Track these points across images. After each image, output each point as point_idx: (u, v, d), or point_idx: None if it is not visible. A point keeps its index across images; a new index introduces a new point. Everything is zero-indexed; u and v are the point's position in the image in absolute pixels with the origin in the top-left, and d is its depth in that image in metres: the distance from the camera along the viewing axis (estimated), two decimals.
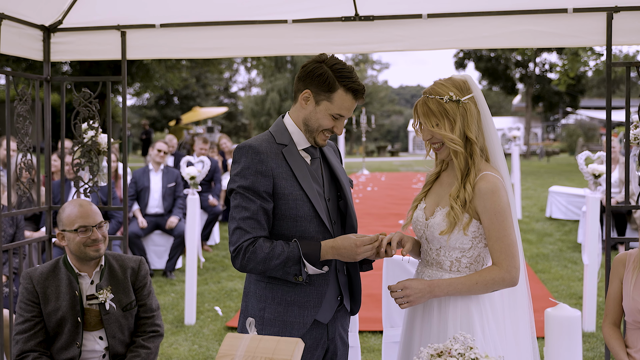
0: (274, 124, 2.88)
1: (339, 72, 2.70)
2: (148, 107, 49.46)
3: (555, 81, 25.22)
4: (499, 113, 62.69)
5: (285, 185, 2.71)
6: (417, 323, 2.91)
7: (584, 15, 4.06)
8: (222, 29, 4.41)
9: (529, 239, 10.72)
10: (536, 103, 43.67)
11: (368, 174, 21.88)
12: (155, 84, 27.77)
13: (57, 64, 21.84)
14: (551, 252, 9.86)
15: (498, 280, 2.74)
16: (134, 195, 8.83)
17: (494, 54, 39.73)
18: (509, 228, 2.74)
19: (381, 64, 62.98)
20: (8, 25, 4.07)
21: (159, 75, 25.90)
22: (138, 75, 25.04)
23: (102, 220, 3.51)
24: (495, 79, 42.33)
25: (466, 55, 41.63)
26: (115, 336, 3.52)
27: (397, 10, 4.20)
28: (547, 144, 44.77)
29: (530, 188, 17.41)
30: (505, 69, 40.94)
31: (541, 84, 41.37)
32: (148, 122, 33.35)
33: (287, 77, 56.78)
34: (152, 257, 8.82)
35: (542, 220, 12.52)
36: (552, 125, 56.61)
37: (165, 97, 47.69)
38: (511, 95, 48.35)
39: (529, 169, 25.47)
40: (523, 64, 40.32)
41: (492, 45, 4.22)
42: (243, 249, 2.66)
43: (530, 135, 42.05)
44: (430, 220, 2.86)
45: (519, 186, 12.86)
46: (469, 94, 2.81)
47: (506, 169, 2.88)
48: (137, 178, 8.91)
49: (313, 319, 2.78)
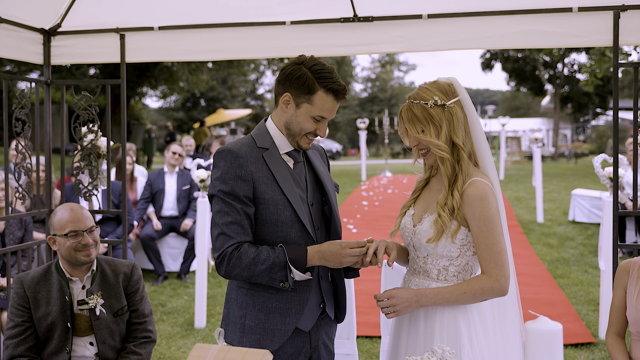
0: (256, 128, 2.83)
1: (318, 73, 2.63)
2: (175, 109, 49.82)
3: (583, 82, 24.75)
4: (528, 114, 61.92)
5: (265, 190, 2.65)
6: (404, 333, 2.83)
7: (589, 14, 3.92)
8: (220, 31, 4.37)
9: (550, 243, 10.51)
10: (565, 104, 43.02)
11: (390, 176, 21.71)
12: (180, 86, 27.96)
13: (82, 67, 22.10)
14: (572, 256, 9.65)
15: (487, 289, 2.64)
16: (149, 198, 8.84)
17: (521, 54, 39.22)
18: (498, 236, 2.65)
19: (408, 65, 62.54)
20: (5, 29, 4.08)
21: (185, 77, 26.07)
22: (162, 78, 25.23)
23: (93, 224, 3.48)
24: (522, 80, 41.80)
25: (493, 56, 41.18)
26: (105, 342, 3.48)
27: (397, 11, 4.12)
28: (576, 145, 44.03)
29: (554, 191, 17.10)
30: (533, 69, 40.39)
31: (570, 85, 40.75)
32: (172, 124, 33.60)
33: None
34: (167, 260, 8.82)
35: (564, 223, 12.28)
36: (582, 127, 55.71)
37: (192, 100, 48.00)
38: (539, 97, 47.71)
39: (556, 171, 25.04)
40: (551, 64, 39.74)
41: (495, 46, 4.11)
42: (227, 254, 2.60)
43: (559, 137, 41.45)
44: (417, 227, 2.77)
45: (540, 189, 12.62)
46: (454, 97, 2.71)
47: (495, 174, 2.79)
48: (152, 180, 8.93)
49: (295, 326, 2.71)
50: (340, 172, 26.03)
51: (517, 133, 32.82)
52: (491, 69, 41.94)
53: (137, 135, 28.09)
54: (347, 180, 21.17)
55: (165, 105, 51.03)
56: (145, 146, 28.92)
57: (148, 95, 30.87)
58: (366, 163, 23.39)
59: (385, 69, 59.47)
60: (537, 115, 59.78)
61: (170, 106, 50.66)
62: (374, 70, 62.05)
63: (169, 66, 23.84)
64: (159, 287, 8.24)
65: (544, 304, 7.13)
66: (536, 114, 60.94)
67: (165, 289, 8.15)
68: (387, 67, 60.17)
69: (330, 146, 47.18)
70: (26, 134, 4.17)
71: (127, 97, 24.04)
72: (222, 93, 46.52)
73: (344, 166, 31.88)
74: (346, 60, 57.31)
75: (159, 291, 8.03)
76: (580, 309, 6.97)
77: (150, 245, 8.53)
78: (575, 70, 40.34)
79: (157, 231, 8.60)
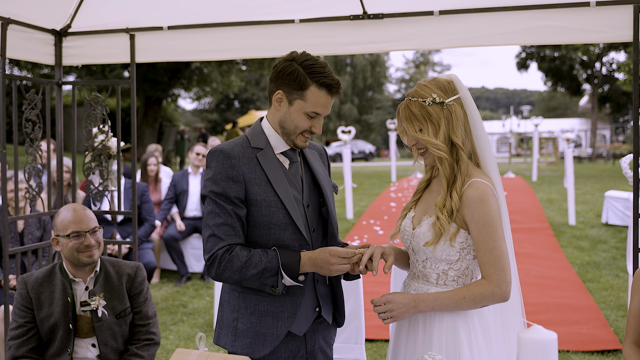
0: (251, 128, 2.76)
1: (310, 68, 2.56)
2: (209, 111, 50.29)
3: (621, 81, 24.18)
4: (565, 115, 60.93)
5: (258, 191, 2.58)
6: (403, 338, 2.73)
7: (608, 8, 3.76)
8: (229, 30, 4.32)
9: (581, 246, 10.25)
10: (603, 104, 42.14)
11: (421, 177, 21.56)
12: (214, 88, 28.15)
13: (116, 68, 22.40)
14: (603, 260, 9.39)
15: (487, 295, 2.53)
16: (172, 198, 8.86)
17: (557, 53, 38.55)
18: (499, 239, 2.53)
19: (442, 66, 62.11)
20: (15, 30, 4.09)
21: (218, 79, 26.23)
22: (194, 80, 25.43)
23: (96, 225, 3.46)
24: (559, 79, 41.08)
25: (528, 55, 40.58)
26: (107, 344, 3.46)
27: (407, 8, 4.01)
28: (615, 146, 43.12)
29: (588, 192, 16.72)
30: (570, 69, 39.67)
31: (609, 84, 39.92)
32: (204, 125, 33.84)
33: (347, 79, 56.78)
34: (190, 260, 8.83)
35: (597, 226, 11.97)
36: (622, 127, 54.53)
37: (226, 101, 48.37)
38: (577, 97, 46.83)
39: (592, 172, 24.54)
40: (589, 64, 38.97)
41: (509, 43, 3.96)
42: (218, 257, 2.54)
43: (597, 138, 40.64)
44: (416, 230, 2.68)
45: (572, 191, 12.32)
46: (454, 95, 2.61)
47: (497, 174, 2.67)
48: (176, 181, 8.95)
49: (287, 330, 2.64)
50: (370, 173, 25.91)
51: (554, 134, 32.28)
52: (527, 69, 41.31)
53: (169, 137, 28.34)
54: (376, 181, 21.04)
55: (199, 107, 51.53)
56: (178, 147, 29.17)
57: (182, 97, 31.14)
58: (397, 164, 23.20)
59: (419, 69, 59.10)
60: (574, 115, 58.80)
61: (204, 108, 51.15)
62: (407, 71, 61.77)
63: (201, 68, 24.01)
64: (182, 287, 8.25)
65: (570, 308, 6.94)
66: (574, 114, 59.94)
67: (188, 289, 8.16)
68: (421, 68, 59.81)
69: (363, 147, 47.10)
70: (36, 135, 4.18)
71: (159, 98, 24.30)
72: (256, 94, 46.76)
73: (375, 167, 31.71)
74: (380, 61, 57.19)
75: (182, 292, 8.04)
76: (609, 315, 6.76)
77: (173, 245, 8.54)
78: (614, 69, 39.49)
79: (180, 232, 8.61)
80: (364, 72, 57.11)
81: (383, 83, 58.96)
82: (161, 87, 22.72)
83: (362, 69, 56.94)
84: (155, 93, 22.70)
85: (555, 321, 6.44)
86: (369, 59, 56.62)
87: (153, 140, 22.13)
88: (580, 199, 15.22)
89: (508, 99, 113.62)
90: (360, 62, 56.69)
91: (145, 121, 22.83)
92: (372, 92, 58.60)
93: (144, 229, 7.61)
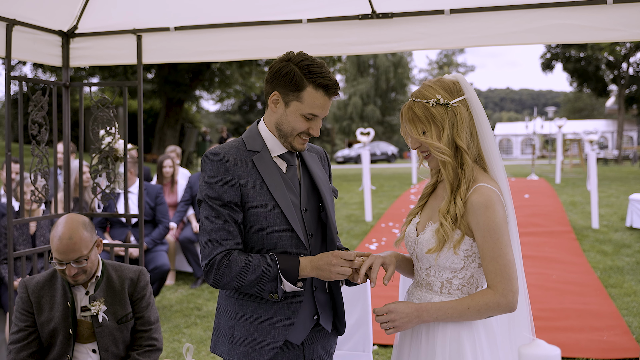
0: (247, 130, 2.68)
1: (306, 68, 2.47)
2: (231, 113, 50.43)
3: None
4: (592, 116, 60.11)
5: (254, 195, 2.50)
6: (405, 349, 2.63)
7: (625, 6, 3.62)
8: (236, 30, 4.26)
9: (604, 250, 10.01)
10: (630, 105, 41.46)
11: None
12: (236, 90, 28.20)
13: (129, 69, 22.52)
14: (627, 264, 9.15)
15: (492, 305, 2.42)
16: (189, 200, 8.82)
17: (583, 54, 38.01)
18: (505, 247, 2.42)
19: (466, 67, 61.66)
20: (21, 31, 4.06)
21: (240, 81, 26.27)
22: (216, 82, 25.48)
23: (81, 255, 3.24)
24: (585, 80, 40.50)
25: (553, 56, 40.07)
26: (108, 349, 3.39)
27: (417, 6, 3.91)
28: None
29: (612, 195, 16.39)
30: (595, 69, 39.10)
31: (636, 85, 39.28)
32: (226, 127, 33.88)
33: (369, 81, 56.67)
34: None
35: (621, 230, 11.70)
36: None
37: (248, 103, 48.47)
38: (603, 98, 46.16)
39: (617, 174, 24.10)
40: (615, 64, 38.36)
41: (523, 42, 3.83)
42: (216, 262, 2.46)
43: (623, 139, 40.00)
44: (420, 237, 2.58)
45: (595, 193, 12.07)
46: (459, 96, 2.50)
47: (505, 179, 2.55)
48: (192, 183, 8.91)
49: (284, 338, 2.55)
50: (391, 175, 25.74)
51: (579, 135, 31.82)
52: (552, 70, 40.80)
53: (191, 138, 28.44)
54: (396, 183, 20.88)
55: (222, 109, 51.71)
56: (199, 149, 29.25)
57: (204, 98, 31.25)
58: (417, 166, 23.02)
59: (442, 70, 58.74)
60: (601, 116, 58.00)
61: (227, 109, 51.31)
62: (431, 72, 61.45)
63: (222, 69, 24.05)
64: (197, 290, 8.21)
65: (591, 315, 6.76)
66: (600, 115, 59.14)
67: (203, 292, 8.12)
68: (444, 69, 59.44)
69: (386, 149, 46.88)
70: (42, 137, 4.15)
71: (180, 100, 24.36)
72: None
73: (396, 169, 31.52)
74: (403, 62, 56.98)
75: (197, 294, 8.00)
76: (631, 322, 6.57)
77: (189, 248, 8.51)
78: None
79: (196, 234, 8.57)
80: (387, 74, 56.97)
81: (406, 84, 58.72)
82: (182, 89, 22.78)
83: (385, 70, 56.79)
84: (176, 95, 22.78)
85: (575, 328, 6.28)
86: (392, 60, 56.45)
87: (174, 142, 22.23)
88: (604, 201, 14.92)
89: (533, 100, 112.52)
90: (383, 64, 56.53)
91: (166, 123, 22.92)
92: (395, 94, 58.42)
93: (158, 231, 7.58)
